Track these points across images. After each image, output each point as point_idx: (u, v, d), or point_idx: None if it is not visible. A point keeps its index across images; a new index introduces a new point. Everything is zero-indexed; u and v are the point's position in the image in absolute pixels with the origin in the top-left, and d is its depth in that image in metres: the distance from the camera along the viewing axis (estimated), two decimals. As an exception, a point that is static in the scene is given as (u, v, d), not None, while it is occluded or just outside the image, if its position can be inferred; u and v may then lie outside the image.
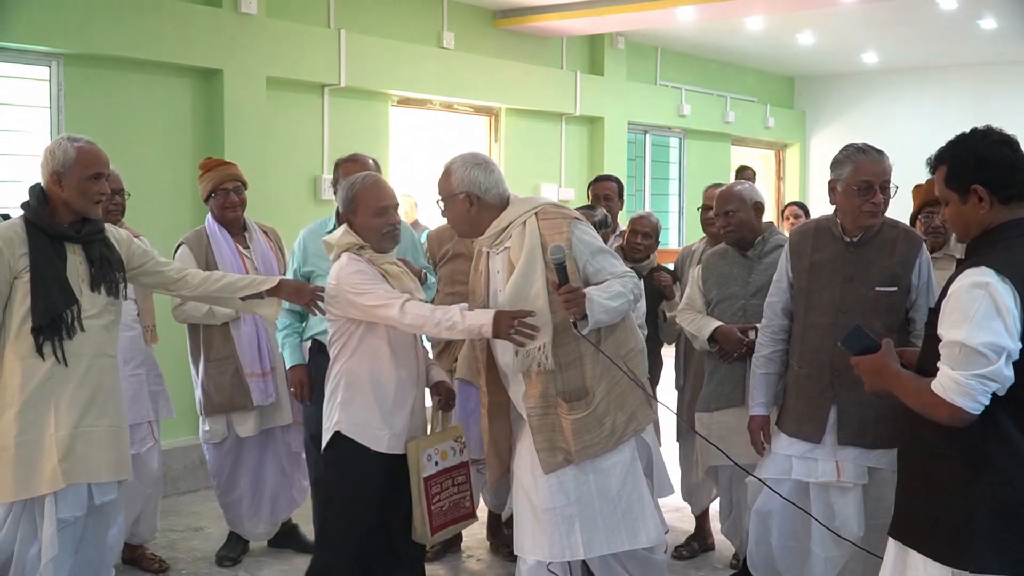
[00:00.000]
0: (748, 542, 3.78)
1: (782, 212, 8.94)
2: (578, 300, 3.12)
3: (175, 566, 4.69)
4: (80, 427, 3.36)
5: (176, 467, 5.87)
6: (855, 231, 3.53)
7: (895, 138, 11.33)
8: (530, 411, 3.31)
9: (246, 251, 4.62)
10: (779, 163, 12.90)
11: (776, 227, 4.34)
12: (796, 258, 3.63)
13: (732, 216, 4.19)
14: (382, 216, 3.47)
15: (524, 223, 3.32)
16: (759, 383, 3.72)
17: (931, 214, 4.38)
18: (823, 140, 12.44)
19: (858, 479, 3.48)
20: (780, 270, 3.70)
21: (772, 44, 10.33)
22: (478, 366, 3.60)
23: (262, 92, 6.46)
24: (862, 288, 3.49)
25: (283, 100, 6.76)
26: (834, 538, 3.44)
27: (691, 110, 10.61)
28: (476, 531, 4.94)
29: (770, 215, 8.82)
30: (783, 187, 12.87)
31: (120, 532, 3.76)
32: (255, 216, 4.92)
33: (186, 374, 4.83)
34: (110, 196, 3.84)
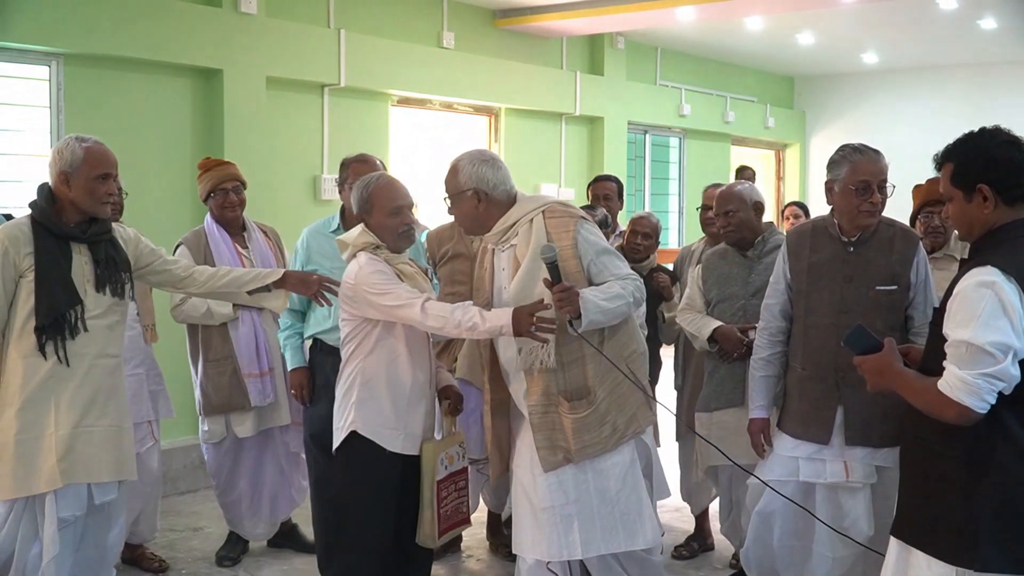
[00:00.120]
0: (745, 541, 3.77)
1: (782, 212, 8.94)
2: (571, 299, 3.12)
3: (175, 566, 4.69)
4: (80, 427, 3.36)
5: (176, 467, 5.87)
6: (853, 231, 3.52)
7: (895, 138, 11.36)
8: (531, 409, 3.31)
9: (245, 251, 4.62)
10: (779, 163, 12.90)
11: (776, 227, 4.34)
12: (794, 260, 3.62)
13: (732, 216, 4.19)
14: (397, 216, 3.46)
15: (531, 221, 3.32)
16: (759, 386, 3.71)
17: (930, 214, 4.38)
18: (823, 140, 12.44)
19: (867, 479, 3.49)
20: (777, 272, 3.69)
21: (772, 44, 10.33)
22: (481, 363, 3.59)
23: (262, 92, 6.46)
24: (862, 288, 3.48)
25: (283, 100, 6.76)
26: (842, 538, 3.44)
27: (691, 110, 10.61)
28: (476, 531, 4.93)
29: (770, 215, 8.82)
30: (783, 187, 12.87)
31: (121, 532, 3.76)
32: (255, 216, 4.92)
33: (186, 374, 4.83)
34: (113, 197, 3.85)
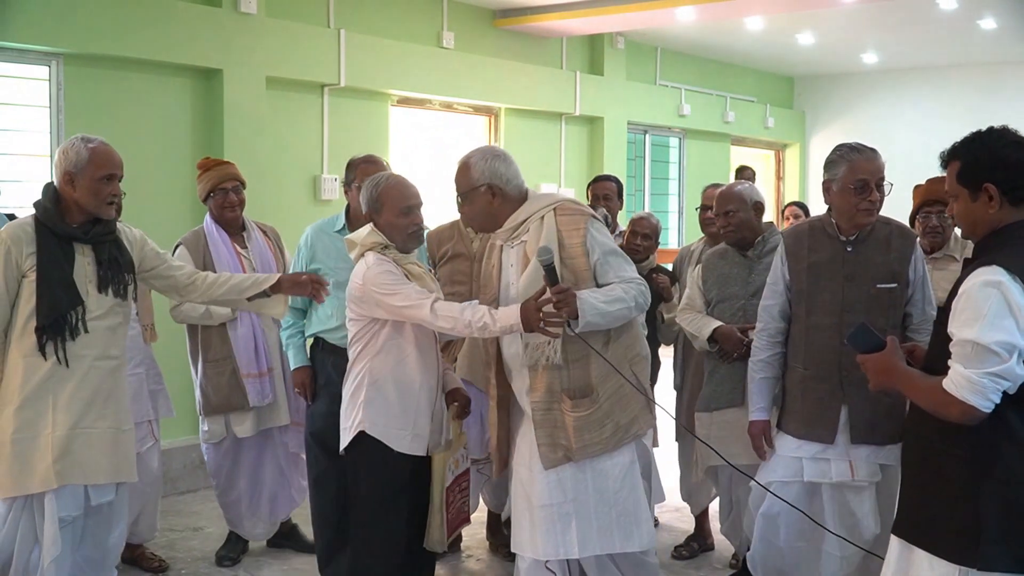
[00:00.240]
0: (751, 542, 3.76)
1: (782, 212, 8.94)
2: (568, 301, 3.12)
3: (174, 566, 4.69)
4: (77, 428, 3.36)
5: (176, 467, 5.87)
6: (851, 230, 3.53)
7: (894, 138, 11.36)
8: (534, 405, 3.30)
9: (244, 251, 4.62)
10: (779, 163, 12.90)
11: (776, 227, 4.34)
12: (793, 260, 3.62)
13: (732, 216, 4.19)
14: (407, 216, 3.44)
15: (542, 218, 3.32)
16: (759, 387, 3.70)
17: (928, 214, 4.38)
18: (823, 140, 12.43)
19: (872, 477, 3.50)
20: (775, 273, 3.69)
21: (772, 44, 10.33)
22: (485, 359, 3.57)
23: (262, 92, 6.45)
24: (863, 286, 3.49)
25: (283, 100, 6.76)
26: (848, 535, 3.45)
27: (691, 110, 10.61)
28: (476, 531, 4.94)
29: (770, 215, 8.82)
30: (783, 187, 12.87)
31: (123, 533, 3.76)
32: (254, 216, 4.92)
33: (186, 374, 4.83)
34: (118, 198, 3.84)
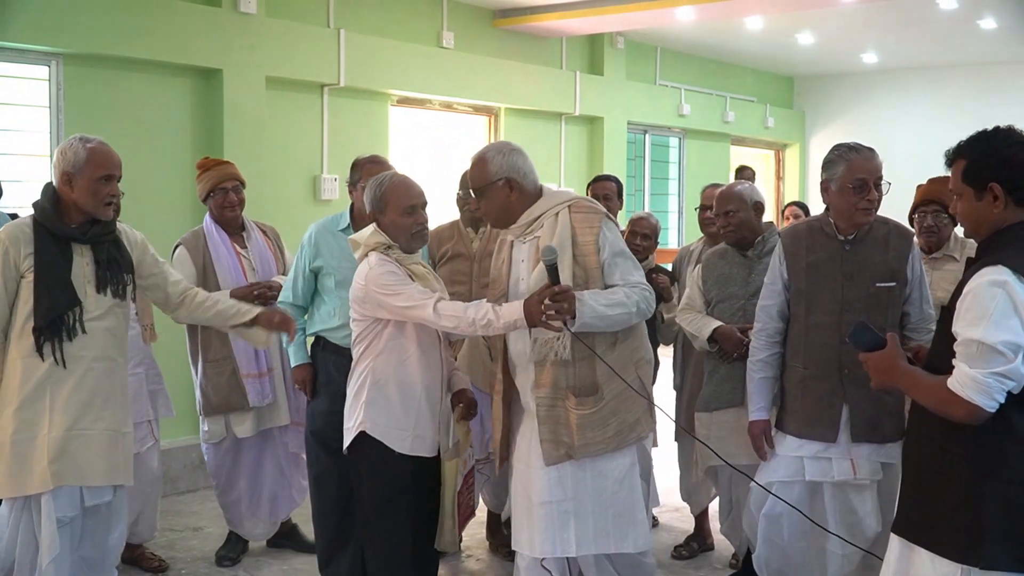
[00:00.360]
0: (755, 544, 3.76)
1: (782, 212, 8.94)
2: (567, 300, 3.11)
3: (174, 566, 4.70)
4: (74, 430, 3.35)
5: (175, 467, 5.87)
6: (849, 229, 3.54)
7: (894, 138, 11.36)
8: (539, 401, 3.30)
9: (244, 251, 4.62)
10: (779, 163, 12.91)
11: (776, 227, 4.34)
12: (792, 260, 3.63)
13: (732, 216, 4.19)
14: (411, 215, 3.44)
15: (556, 215, 3.33)
16: (758, 387, 3.70)
17: (924, 214, 4.38)
18: (823, 140, 12.43)
19: (873, 475, 3.51)
20: (773, 273, 3.69)
21: (772, 44, 10.33)
22: (493, 353, 3.56)
23: (261, 92, 6.45)
24: (862, 285, 3.50)
25: (282, 100, 6.76)
26: (849, 533, 3.46)
27: (691, 110, 10.61)
28: (476, 531, 4.94)
29: (770, 215, 8.82)
30: (783, 187, 12.87)
31: (123, 533, 3.75)
32: (254, 216, 4.92)
33: (186, 374, 4.83)
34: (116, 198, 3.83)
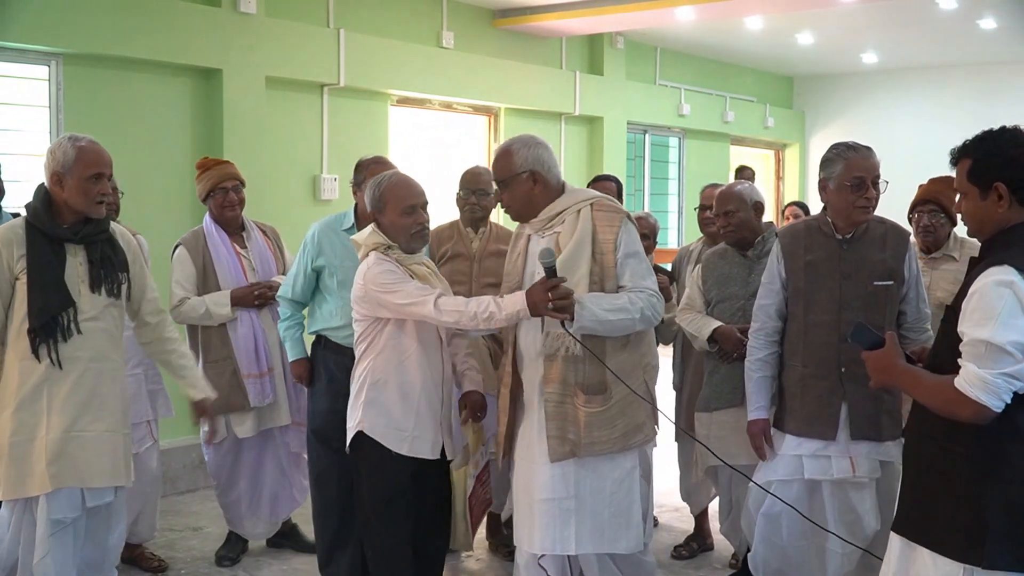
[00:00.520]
0: (752, 543, 3.77)
1: (783, 212, 8.94)
2: (566, 299, 3.12)
3: (174, 566, 4.69)
4: (72, 431, 3.34)
5: (175, 466, 5.87)
6: (847, 228, 3.55)
7: (894, 138, 11.37)
8: (547, 396, 3.29)
9: (243, 251, 4.62)
10: (778, 163, 12.91)
11: (776, 227, 4.34)
12: (790, 259, 3.64)
13: (732, 216, 4.20)
14: (410, 215, 3.41)
15: (578, 212, 3.31)
16: (757, 387, 3.71)
17: (921, 213, 4.39)
18: (822, 140, 12.42)
19: (872, 473, 3.52)
20: (771, 272, 3.70)
21: (771, 44, 10.33)
22: (504, 347, 3.54)
23: (261, 92, 6.45)
24: (860, 284, 3.52)
25: (282, 100, 6.76)
26: (849, 532, 3.47)
27: (690, 110, 10.61)
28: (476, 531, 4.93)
29: (770, 215, 8.82)
30: (782, 187, 12.87)
31: (123, 533, 3.75)
32: (254, 216, 4.92)
33: (185, 374, 4.82)
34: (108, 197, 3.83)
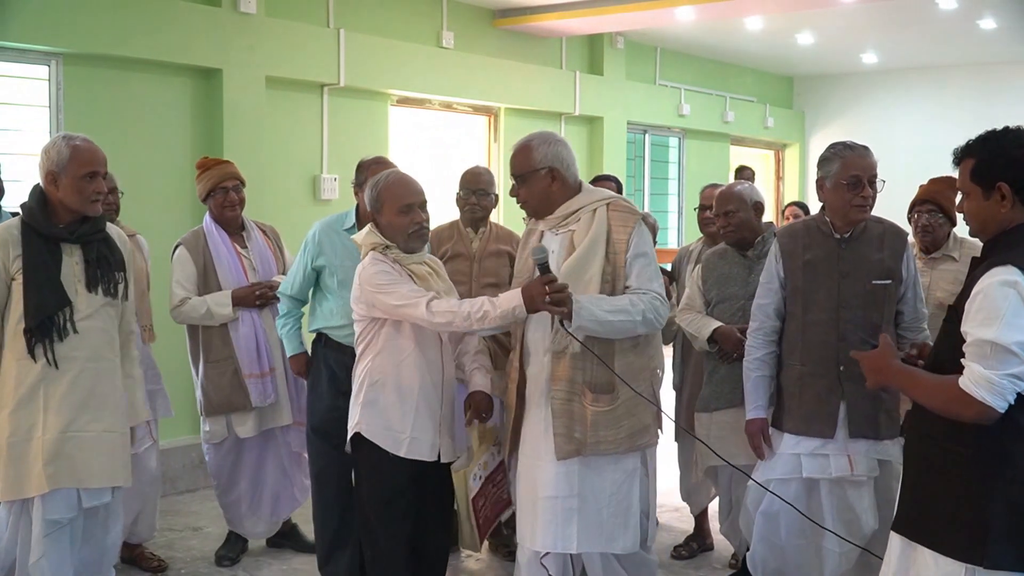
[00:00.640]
0: (750, 542, 3.77)
1: (783, 212, 8.94)
2: (564, 294, 3.13)
3: (174, 565, 4.69)
4: (69, 431, 3.33)
5: (175, 466, 5.87)
6: (845, 227, 3.57)
7: (894, 138, 11.37)
8: (554, 394, 3.29)
9: (244, 251, 4.62)
10: (778, 163, 12.91)
11: (776, 227, 4.34)
12: (788, 258, 3.65)
13: (732, 216, 4.20)
14: (407, 215, 3.38)
15: (594, 211, 3.32)
16: (755, 386, 3.71)
17: (920, 213, 4.39)
18: (822, 140, 12.40)
19: (870, 472, 3.53)
20: (769, 272, 3.71)
21: (771, 44, 10.32)
22: (512, 343, 3.54)
23: (261, 91, 6.45)
24: (858, 283, 3.53)
25: (282, 100, 6.76)
26: (847, 531, 3.47)
27: (690, 110, 10.61)
28: (475, 531, 4.93)
29: (770, 215, 8.82)
30: (782, 187, 12.87)
31: (120, 533, 3.75)
32: (254, 216, 4.92)
33: (186, 374, 4.82)
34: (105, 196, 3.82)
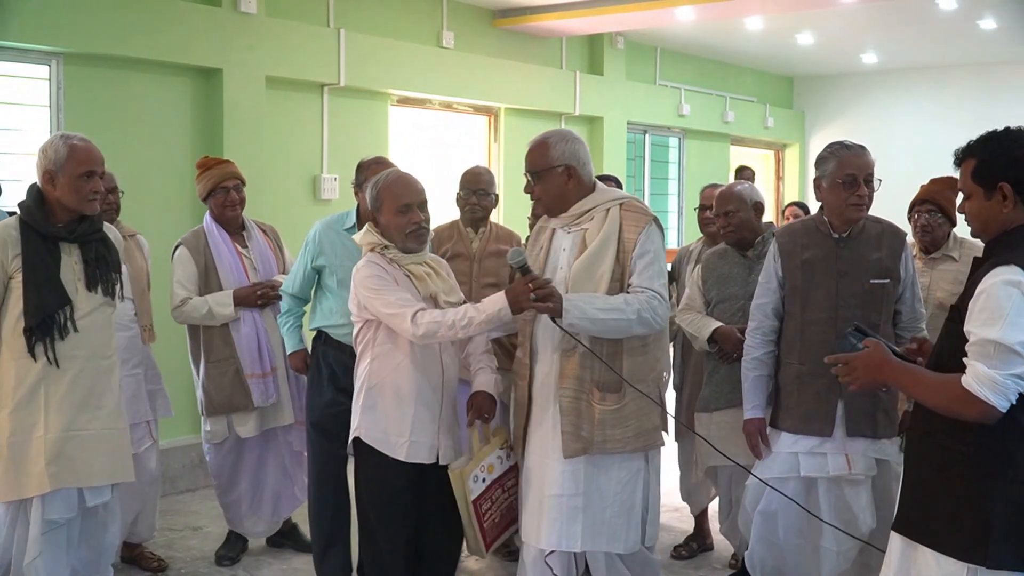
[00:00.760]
0: (749, 541, 3.78)
1: (783, 212, 8.94)
2: (550, 291, 3.14)
3: (174, 565, 4.69)
4: (70, 430, 3.33)
5: (175, 466, 5.87)
6: (842, 226, 3.58)
7: (894, 138, 11.37)
8: (562, 392, 3.29)
9: (244, 250, 4.62)
10: (778, 163, 12.90)
11: (776, 227, 4.34)
12: (787, 258, 3.66)
13: (732, 216, 4.20)
14: (405, 214, 3.35)
15: (607, 210, 3.33)
16: (754, 385, 3.72)
17: (919, 213, 4.39)
18: (822, 140, 12.34)
19: (868, 471, 3.53)
20: (768, 271, 3.72)
21: (771, 44, 10.32)
22: (520, 340, 3.53)
23: (261, 91, 6.45)
24: (856, 282, 3.54)
25: (282, 99, 6.76)
26: (845, 531, 3.47)
27: (690, 110, 10.60)
28: (475, 531, 4.93)
29: (770, 215, 8.82)
30: (782, 187, 12.87)
31: (118, 532, 3.75)
32: (254, 216, 4.92)
33: (186, 374, 4.82)
34: (103, 195, 3.76)
